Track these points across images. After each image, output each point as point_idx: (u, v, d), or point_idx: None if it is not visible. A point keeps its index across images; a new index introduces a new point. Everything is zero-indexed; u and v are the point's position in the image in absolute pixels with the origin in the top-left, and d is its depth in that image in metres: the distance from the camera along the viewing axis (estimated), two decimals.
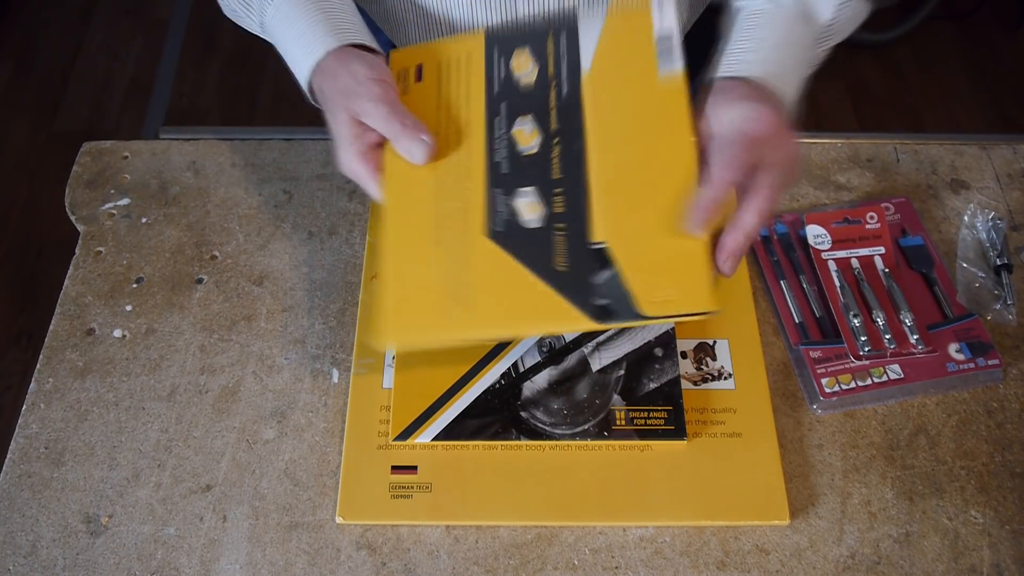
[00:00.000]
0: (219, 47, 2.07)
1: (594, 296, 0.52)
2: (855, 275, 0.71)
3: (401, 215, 0.58)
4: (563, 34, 0.61)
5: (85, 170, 0.81)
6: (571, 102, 0.59)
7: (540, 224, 0.56)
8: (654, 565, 0.60)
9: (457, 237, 0.57)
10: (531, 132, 0.58)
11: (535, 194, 0.56)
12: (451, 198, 0.58)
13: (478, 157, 0.59)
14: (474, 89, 0.61)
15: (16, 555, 0.60)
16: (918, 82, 2.00)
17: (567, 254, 0.54)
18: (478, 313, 0.54)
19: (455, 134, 0.60)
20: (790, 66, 0.61)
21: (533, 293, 0.54)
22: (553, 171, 0.57)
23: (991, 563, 0.60)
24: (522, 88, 0.60)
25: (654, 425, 0.64)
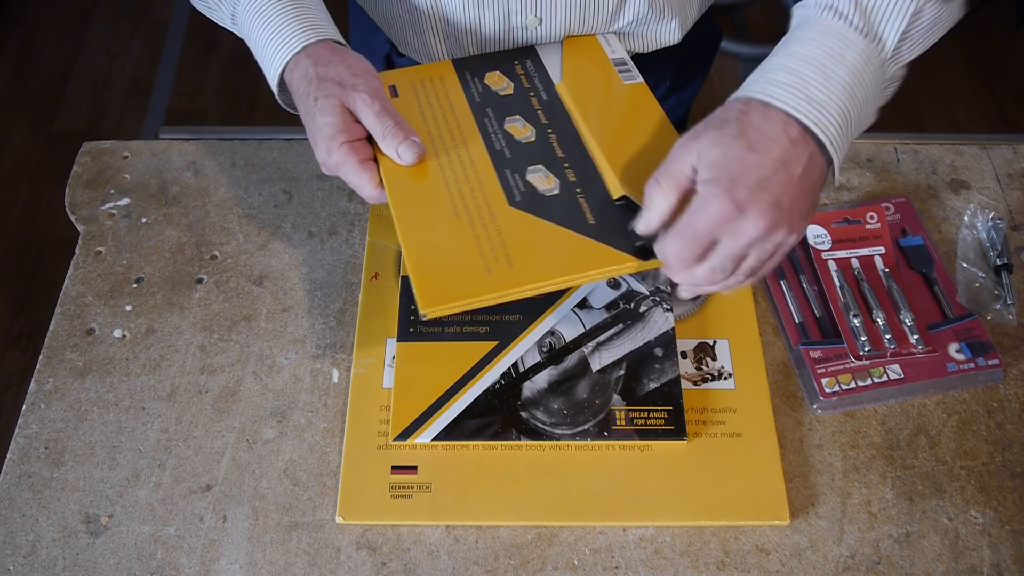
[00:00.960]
0: (219, 47, 2.07)
1: (633, 238, 0.55)
2: (855, 275, 0.71)
3: (408, 198, 0.58)
4: (527, 59, 0.66)
5: (85, 170, 0.81)
6: (553, 103, 0.63)
7: (559, 191, 0.58)
8: (654, 565, 0.60)
9: (480, 209, 0.57)
10: (524, 126, 0.61)
11: (544, 169, 0.59)
12: (462, 181, 0.59)
13: (478, 148, 0.61)
14: (455, 99, 0.64)
15: (16, 555, 0.60)
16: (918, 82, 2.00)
17: (594, 210, 0.56)
18: (519, 268, 0.55)
19: (448, 133, 0.62)
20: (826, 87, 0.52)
21: (574, 244, 0.55)
22: (556, 152, 0.60)
23: (991, 563, 0.60)
24: (502, 97, 0.64)
25: (654, 425, 0.64)
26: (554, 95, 0.63)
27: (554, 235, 0.56)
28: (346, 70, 0.58)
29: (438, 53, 0.77)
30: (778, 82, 0.52)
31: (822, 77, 0.52)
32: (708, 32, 0.88)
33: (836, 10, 0.54)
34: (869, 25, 0.54)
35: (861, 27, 0.54)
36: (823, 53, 0.53)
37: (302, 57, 0.59)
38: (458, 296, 0.54)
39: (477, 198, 0.58)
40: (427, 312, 0.54)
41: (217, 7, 0.68)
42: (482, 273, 0.55)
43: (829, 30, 0.53)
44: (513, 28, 0.72)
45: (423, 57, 0.79)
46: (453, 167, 0.60)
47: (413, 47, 0.78)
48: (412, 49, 0.79)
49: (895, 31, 0.54)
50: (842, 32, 0.53)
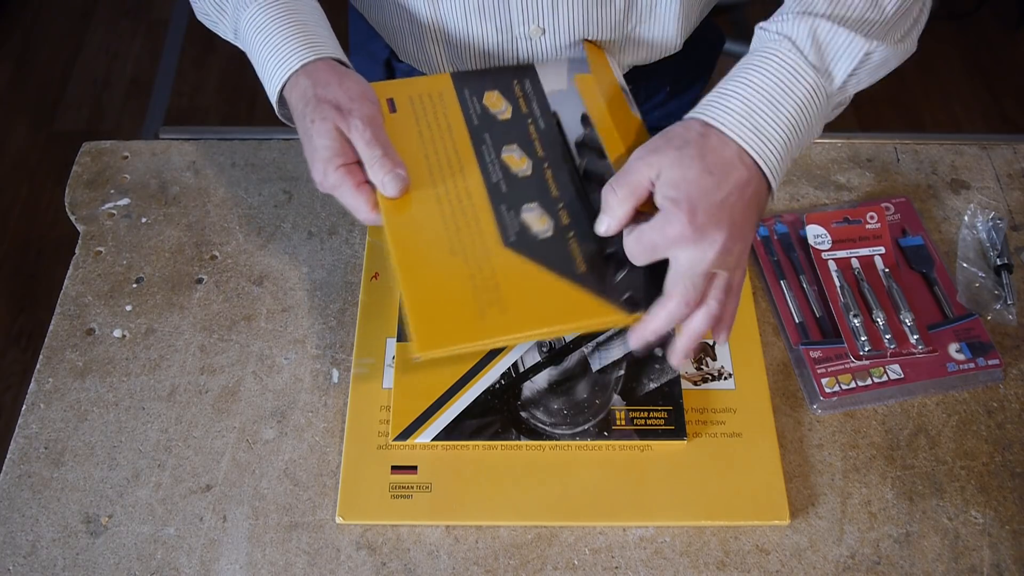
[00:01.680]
0: (219, 47, 2.07)
1: (621, 291, 0.55)
2: (855, 275, 0.71)
3: (406, 230, 0.58)
4: (526, 81, 0.65)
5: (85, 170, 0.81)
6: (551, 134, 0.62)
7: (552, 234, 0.57)
8: (654, 565, 0.60)
9: (476, 248, 0.57)
10: (520, 157, 0.60)
11: (540, 208, 0.58)
12: (458, 215, 0.58)
13: (475, 179, 0.60)
14: (453, 120, 0.63)
15: (16, 555, 0.60)
16: (918, 82, 2.00)
17: (585, 258, 0.56)
18: (513, 316, 0.55)
19: (445, 158, 0.61)
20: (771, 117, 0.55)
21: (565, 293, 0.55)
22: (551, 190, 0.59)
23: (991, 563, 0.60)
24: (500, 121, 0.63)
25: (654, 425, 0.64)
26: (551, 123, 0.62)
27: (545, 282, 0.56)
28: (343, 93, 0.58)
29: (438, 62, 0.77)
30: (731, 110, 0.55)
31: (771, 109, 0.55)
32: (710, 38, 0.88)
33: (793, 41, 0.56)
34: (821, 60, 0.56)
35: (814, 61, 0.56)
36: (774, 85, 0.55)
37: (301, 76, 0.59)
38: (452, 340, 0.55)
39: (473, 235, 0.58)
40: (422, 354, 0.54)
41: (220, 21, 0.68)
42: (476, 318, 0.55)
43: (783, 62, 0.56)
44: (516, 39, 0.72)
45: (423, 65, 0.79)
46: (450, 198, 0.59)
47: (413, 55, 0.78)
48: (412, 57, 0.79)
49: (845, 69, 0.57)
50: (794, 65, 0.56)
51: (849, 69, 0.57)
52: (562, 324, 0.55)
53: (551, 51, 0.74)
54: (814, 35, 0.56)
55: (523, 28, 0.71)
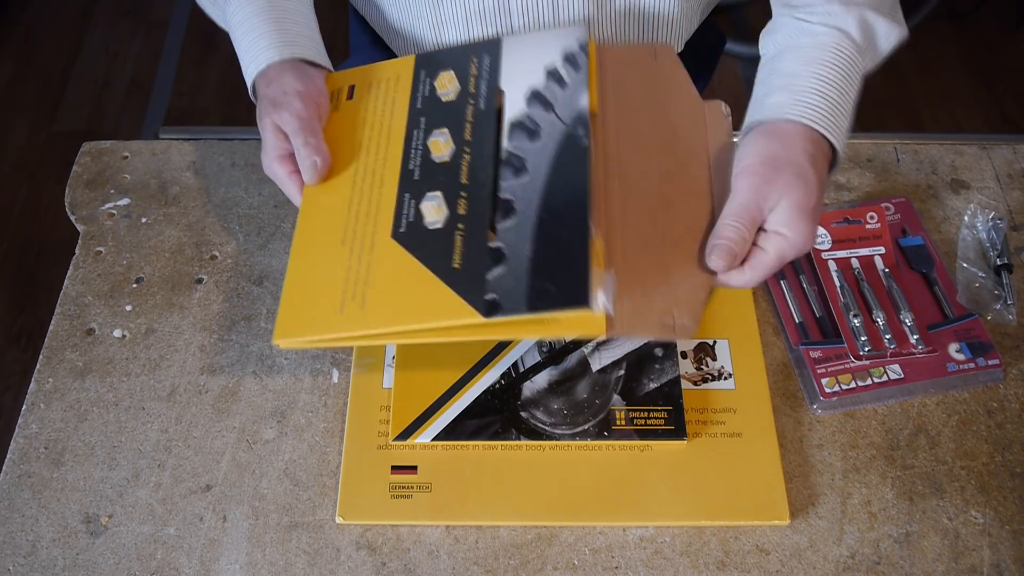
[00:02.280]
0: (219, 47, 2.07)
1: (485, 291, 0.52)
2: (855, 275, 0.71)
3: (312, 217, 0.60)
4: (486, 58, 0.63)
5: (85, 170, 0.81)
6: (486, 116, 0.60)
7: (442, 225, 0.56)
8: (654, 565, 0.60)
9: (364, 238, 0.58)
10: (445, 142, 0.59)
11: (441, 198, 0.57)
12: (363, 202, 0.59)
13: (393, 165, 0.60)
14: (398, 105, 0.63)
15: (16, 555, 0.60)
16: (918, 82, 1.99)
17: (464, 253, 0.54)
18: (371, 310, 0.54)
19: (375, 146, 0.62)
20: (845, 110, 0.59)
21: (427, 289, 0.54)
22: (461, 177, 0.58)
23: (991, 563, 0.60)
24: (443, 103, 0.62)
25: (654, 425, 0.64)
26: (492, 103, 0.60)
27: (416, 277, 0.54)
28: (279, 90, 0.61)
29: None
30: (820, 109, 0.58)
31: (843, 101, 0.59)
32: (710, 38, 0.88)
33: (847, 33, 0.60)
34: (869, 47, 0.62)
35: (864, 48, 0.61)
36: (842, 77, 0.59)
37: (258, 77, 0.63)
38: (308, 330, 0.55)
39: (367, 225, 0.58)
40: (278, 342, 0.55)
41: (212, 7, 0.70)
42: (336, 311, 0.55)
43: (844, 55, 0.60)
44: None
45: None
46: (364, 185, 0.60)
47: None
48: None
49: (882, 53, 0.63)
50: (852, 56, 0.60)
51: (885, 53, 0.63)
52: (416, 322, 0.53)
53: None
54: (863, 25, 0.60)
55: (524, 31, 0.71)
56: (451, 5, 0.69)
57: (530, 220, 0.54)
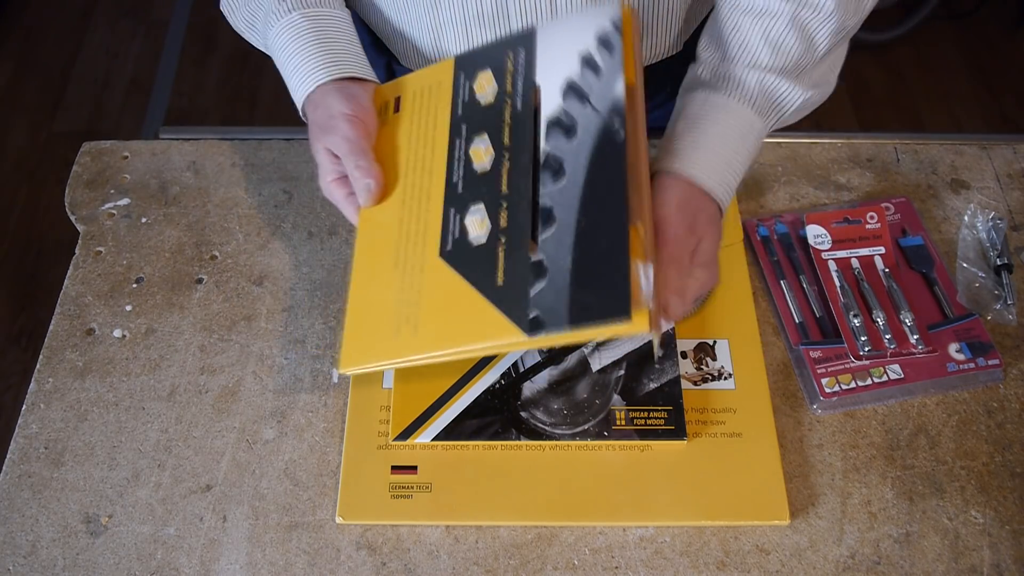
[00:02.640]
0: (219, 47, 2.07)
1: (528, 308, 0.51)
2: (855, 275, 0.71)
3: (368, 240, 0.61)
4: (521, 52, 0.61)
5: (85, 170, 0.81)
6: (524, 116, 0.59)
7: (486, 240, 0.56)
8: (654, 565, 0.60)
9: (414, 259, 0.58)
10: (486, 149, 0.59)
11: (483, 211, 0.57)
12: (413, 221, 0.59)
13: (439, 179, 0.60)
14: (440, 114, 0.62)
15: (16, 555, 0.60)
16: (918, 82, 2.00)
17: (507, 268, 0.54)
18: (423, 333, 0.55)
19: (422, 159, 0.61)
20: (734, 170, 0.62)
21: (474, 309, 0.53)
22: (502, 186, 0.57)
23: (991, 563, 0.60)
24: (482, 107, 0.61)
25: (654, 425, 0.64)
26: (528, 102, 0.59)
27: (464, 297, 0.54)
28: (325, 114, 0.62)
29: None
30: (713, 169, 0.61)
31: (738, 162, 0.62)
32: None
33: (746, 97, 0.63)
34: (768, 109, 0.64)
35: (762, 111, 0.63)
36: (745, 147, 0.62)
37: (307, 102, 0.64)
38: (368, 358, 0.57)
39: (417, 244, 0.58)
40: (343, 371, 0.57)
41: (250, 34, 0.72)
42: (392, 336, 0.56)
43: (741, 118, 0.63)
44: None
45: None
46: (413, 203, 0.60)
47: (413, 60, 0.78)
48: (412, 62, 0.79)
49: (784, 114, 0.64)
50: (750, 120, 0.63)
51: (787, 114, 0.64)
52: (466, 344, 0.53)
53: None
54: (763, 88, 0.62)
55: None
56: (449, 8, 0.69)
57: (569, 227, 0.53)
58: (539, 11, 0.69)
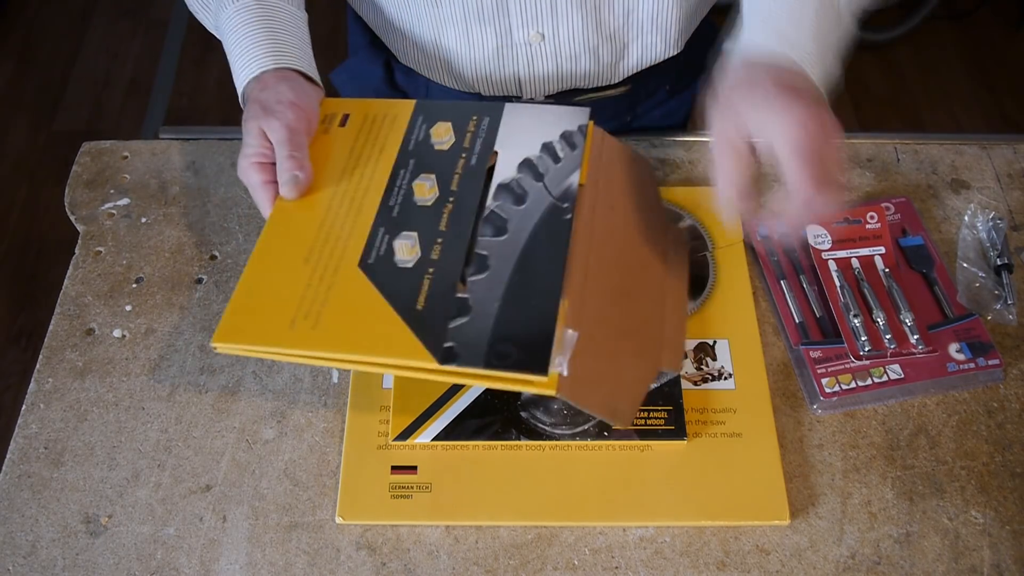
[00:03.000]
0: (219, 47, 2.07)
1: (445, 338, 0.52)
2: (855, 275, 0.71)
3: (279, 229, 0.59)
4: (485, 119, 0.63)
5: (85, 170, 0.81)
6: (476, 171, 0.60)
7: (412, 266, 0.56)
8: (654, 565, 0.60)
9: (329, 261, 0.57)
10: (430, 187, 0.59)
11: (415, 239, 0.57)
12: (335, 227, 0.58)
13: (374, 197, 0.60)
14: (390, 143, 0.63)
15: (16, 555, 0.60)
16: (918, 82, 2.00)
17: (429, 295, 0.54)
18: (322, 331, 0.53)
19: (359, 175, 0.61)
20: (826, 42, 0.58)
21: (384, 323, 0.53)
22: (441, 224, 0.57)
23: (991, 563, 0.60)
24: (435, 151, 0.62)
25: (654, 425, 0.64)
26: (484, 161, 0.60)
27: (377, 310, 0.53)
28: (273, 97, 0.61)
29: (437, 65, 0.77)
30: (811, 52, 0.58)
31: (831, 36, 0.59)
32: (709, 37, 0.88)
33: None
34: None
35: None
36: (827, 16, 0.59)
37: (254, 81, 0.63)
38: (249, 338, 0.54)
39: (336, 249, 0.57)
40: (216, 345, 0.55)
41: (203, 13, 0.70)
42: (285, 325, 0.54)
43: None
44: (516, 45, 0.72)
45: (422, 68, 0.79)
46: (339, 210, 0.59)
47: (412, 58, 0.78)
48: (411, 60, 0.79)
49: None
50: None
51: None
52: (368, 354, 0.53)
53: (550, 59, 0.74)
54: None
55: (523, 34, 0.71)
56: (450, 6, 0.69)
57: (502, 280, 0.54)
58: (540, 9, 0.69)
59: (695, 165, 0.80)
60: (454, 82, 0.78)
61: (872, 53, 2.03)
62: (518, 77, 0.75)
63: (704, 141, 0.82)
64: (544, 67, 0.74)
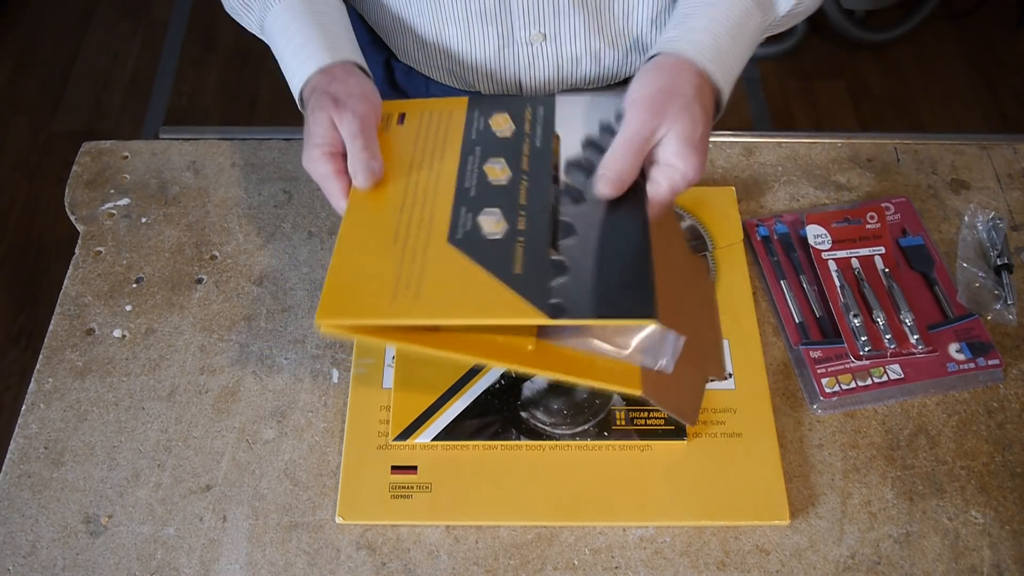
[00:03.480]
0: (219, 47, 2.07)
1: (550, 296, 0.52)
2: (855, 275, 0.71)
3: (359, 216, 0.59)
4: (540, 108, 0.64)
5: (85, 170, 0.81)
6: (543, 152, 0.61)
7: (502, 236, 0.56)
8: (654, 565, 0.60)
9: (418, 240, 0.57)
10: (502, 169, 0.60)
11: (499, 214, 0.57)
12: (416, 210, 0.59)
13: (448, 182, 0.60)
14: (452, 134, 0.63)
15: (16, 555, 0.60)
16: (918, 82, 1.99)
17: (525, 261, 0.54)
18: (425, 300, 0.53)
19: (428, 165, 0.61)
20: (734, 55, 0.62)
21: (487, 288, 0.53)
22: (519, 198, 0.58)
23: (991, 563, 0.60)
24: (499, 138, 0.63)
25: (654, 425, 0.64)
26: (548, 143, 0.62)
27: (475, 277, 0.54)
28: (343, 89, 0.60)
29: (438, 64, 0.77)
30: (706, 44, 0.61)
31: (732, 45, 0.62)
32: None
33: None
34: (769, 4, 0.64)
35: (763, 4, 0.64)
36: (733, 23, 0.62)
37: (317, 74, 0.62)
38: (354, 313, 0.53)
39: (422, 228, 0.57)
40: (320, 323, 0.54)
41: (246, 15, 0.69)
42: (387, 298, 0.53)
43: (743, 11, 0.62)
44: (517, 44, 0.72)
45: (422, 66, 0.78)
46: (416, 194, 0.60)
47: (413, 56, 0.78)
48: (412, 59, 0.78)
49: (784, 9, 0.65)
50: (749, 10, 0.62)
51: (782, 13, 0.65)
52: (474, 317, 0.53)
53: (551, 60, 0.73)
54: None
55: (524, 33, 0.71)
56: (452, 2, 0.69)
57: (591, 241, 0.55)
58: (542, 8, 0.69)
59: None
60: (455, 81, 0.78)
61: (872, 53, 2.03)
62: (519, 77, 0.75)
63: None
64: (545, 67, 0.74)
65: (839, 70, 2.01)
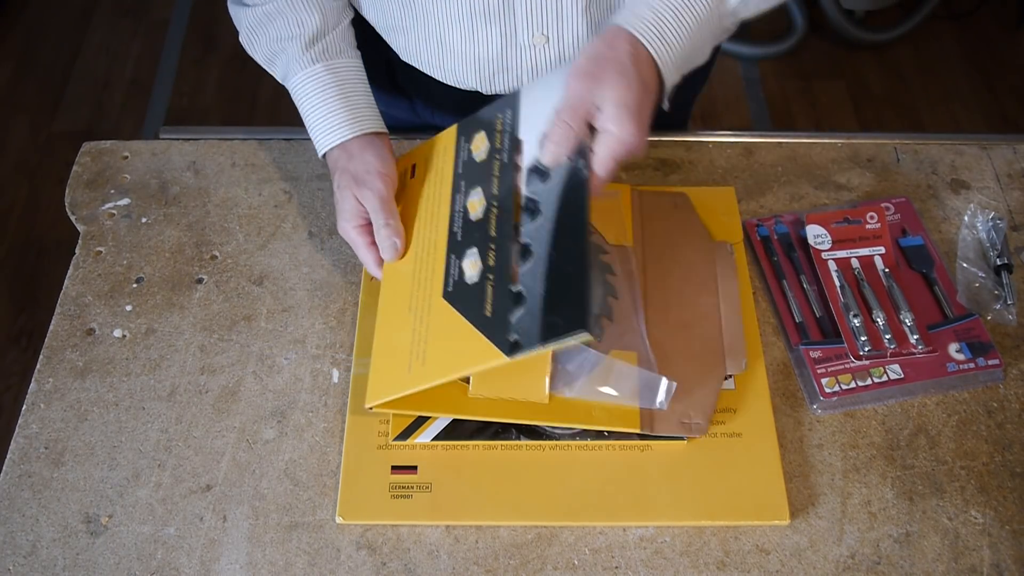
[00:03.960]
0: (219, 47, 2.07)
1: (509, 332, 0.56)
2: (855, 275, 0.71)
3: (391, 290, 0.66)
4: (508, 112, 0.66)
5: (85, 170, 0.81)
6: (509, 168, 0.63)
7: (478, 279, 0.61)
8: (654, 565, 0.60)
9: (424, 301, 0.63)
10: (479, 200, 0.64)
11: (476, 253, 0.62)
12: (423, 270, 0.65)
13: (443, 231, 0.65)
14: (446, 174, 0.68)
15: (16, 555, 0.60)
16: (918, 82, 1.99)
17: (494, 300, 0.59)
18: (429, 365, 0.60)
19: (431, 216, 0.67)
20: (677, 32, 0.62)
21: (466, 340, 0.58)
22: (491, 230, 0.62)
23: (991, 563, 0.60)
24: (478, 164, 0.66)
25: None
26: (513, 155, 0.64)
27: (459, 331, 0.59)
28: (362, 167, 0.68)
29: (439, 64, 0.76)
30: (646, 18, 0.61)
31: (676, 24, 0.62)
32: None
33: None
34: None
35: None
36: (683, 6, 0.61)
37: (337, 148, 0.70)
38: (388, 391, 0.61)
39: (426, 289, 0.63)
40: (371, 405, 0.62)
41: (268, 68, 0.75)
42: (406, 370, 0.61)
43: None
44: (520, 47, 0.72)
45: (424, 66, 0.78)
46: (423, 254, 0.66)
47: (415, 55, 0.78)
48: (413, 57, 0.78)
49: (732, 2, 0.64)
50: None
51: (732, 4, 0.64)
52: (460, 371, 0.59)
53: (553, 62, 0.73)
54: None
55: (527, 35, 0.71)
56: (457, 2, 0.69)
57: (543, 260, 0.58)
58: (545, 10, 0.69)
59: (695, 165, 0.80)
60: (456, 81, 0.78)
61: (872, 53, 2.03)
62: (520, 78, 0.75)
63: (704, 141, 0.82)
64: (546, 69, 0.74)
65: (839, 70, 2.00)
